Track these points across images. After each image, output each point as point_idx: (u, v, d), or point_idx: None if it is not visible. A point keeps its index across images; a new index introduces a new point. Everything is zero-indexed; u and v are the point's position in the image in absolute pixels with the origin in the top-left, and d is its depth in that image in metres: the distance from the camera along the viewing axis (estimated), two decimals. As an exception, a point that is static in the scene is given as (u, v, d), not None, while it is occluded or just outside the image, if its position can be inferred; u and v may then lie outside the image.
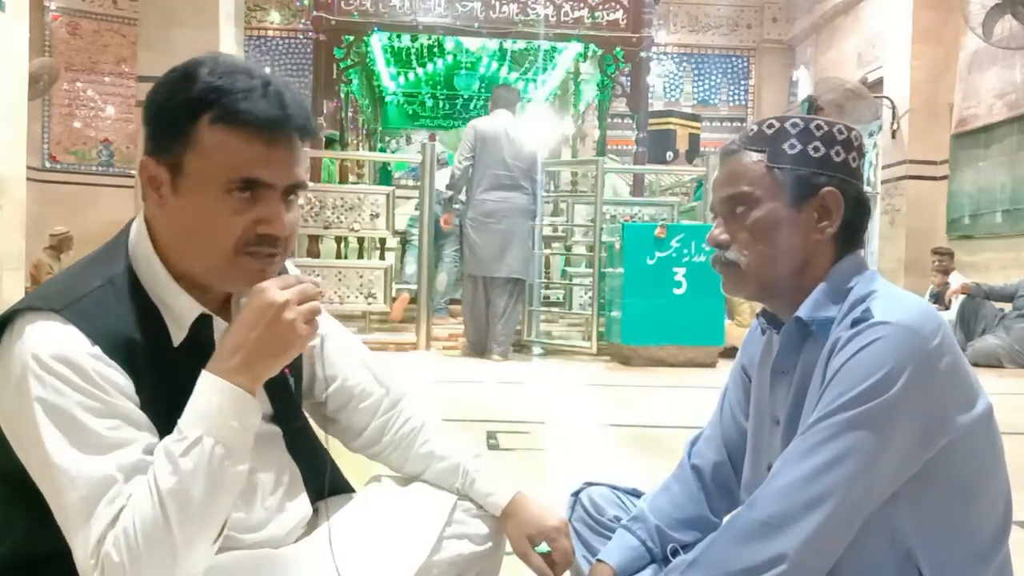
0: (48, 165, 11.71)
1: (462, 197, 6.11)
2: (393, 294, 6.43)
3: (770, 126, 1.11)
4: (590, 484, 1.36)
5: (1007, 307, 6.75)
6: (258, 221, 0.96)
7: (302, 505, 1.14)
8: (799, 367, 1.09)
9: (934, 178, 9.06)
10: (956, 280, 7.38)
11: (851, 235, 1.10)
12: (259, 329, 0.92)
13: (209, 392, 0.91)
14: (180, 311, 1.00)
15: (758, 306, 1.20)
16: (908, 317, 0.98)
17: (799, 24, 13.19)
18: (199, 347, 0.99)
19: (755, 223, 1.09)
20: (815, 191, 1.07)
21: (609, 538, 1.24)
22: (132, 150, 11.01)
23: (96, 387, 0.89)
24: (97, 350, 0.90)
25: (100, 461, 0.88)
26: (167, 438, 0.90)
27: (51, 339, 0.89)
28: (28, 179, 4.69)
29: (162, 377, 0.95)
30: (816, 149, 1.08)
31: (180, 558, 0.87)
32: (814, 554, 0.96)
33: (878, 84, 10.02)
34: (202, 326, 1.01)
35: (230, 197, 0.95)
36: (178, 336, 1.00)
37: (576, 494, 1.36)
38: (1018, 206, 7.80)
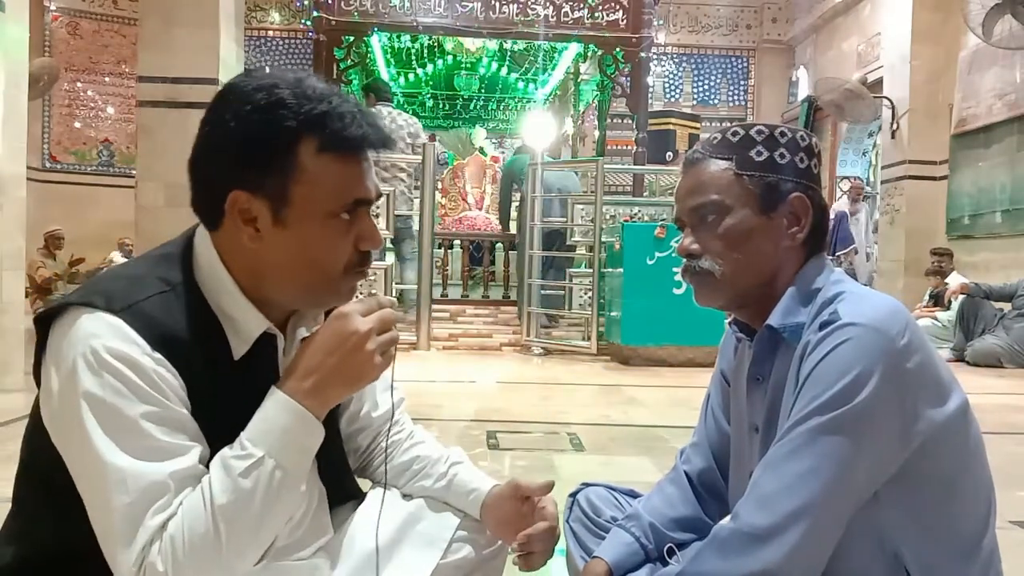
0: (48, 165, 11.72)
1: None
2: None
3: (735, 133, 1.11)
4: (587, 485, 1.37)
5: (1007, 307, 6.74)
6: (360, 239, 0.96)
7: (325, 527, 1.11)
8: (773, 374, 1.09)
9: (934, 178, 9.05)
10: (955, 280, 7.37)
11: (816, 240, 1.11)
12: (337, 356, 0.90)
13: (277, 411, 0.89)
14: (246, 325, 0.96)
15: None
16: (875, 317, 0.98)
17: (799, 24, 13.18)
18: (259, 363, 0.97)
19: (728, 231, 1.09)
20: (783, 197, 1.08)
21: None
22: (132, 150, 10.97)
23: (156, 389, 0.86)
24: (157, 355, 0.87)
25: (154, 467, 0.84)
26: (226, 450, 0.88)
27: (110, 335, 0.86)
28: (28, 179, 4.67)
29: (218, 390, 0.92)
30: (782, 156, 1.09)
31: (224, 574, 0.86)
32: (801, 564, 0.95)
33: (878, 84, 10.01)
34: (264, 343, 0.99)
35: (338, 220, 0.94)
36: (239, 350, 0.96)
37: (574, 495, 1.36)
38: (1018, 206, 7.79)
